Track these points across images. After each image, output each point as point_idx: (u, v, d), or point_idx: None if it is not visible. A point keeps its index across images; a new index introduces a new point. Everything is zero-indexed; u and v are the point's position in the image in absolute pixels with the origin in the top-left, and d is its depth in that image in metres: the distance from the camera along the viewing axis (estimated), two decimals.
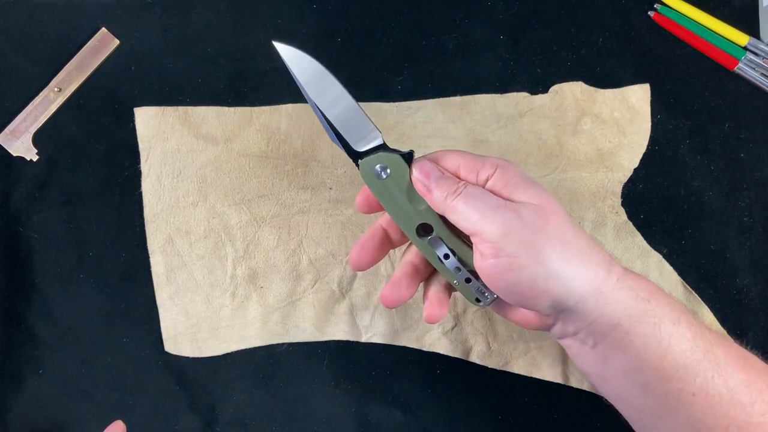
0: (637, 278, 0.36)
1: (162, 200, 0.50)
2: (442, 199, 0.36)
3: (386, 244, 0.40)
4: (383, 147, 0.38)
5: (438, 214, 0.38)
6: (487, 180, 0.36)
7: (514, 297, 0.36)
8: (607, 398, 0.38)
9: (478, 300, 0.39)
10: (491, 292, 0.38)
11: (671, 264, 0.50)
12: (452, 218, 0.36)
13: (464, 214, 0.35)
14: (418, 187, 0.37)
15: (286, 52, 0.39)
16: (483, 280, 0.36)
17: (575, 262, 0.34)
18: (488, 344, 0.49)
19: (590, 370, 0.37)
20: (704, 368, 0.34)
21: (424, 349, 0.50)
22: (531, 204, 0.35)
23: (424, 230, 0.38)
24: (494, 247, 0.34)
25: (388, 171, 0.37)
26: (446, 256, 0.38)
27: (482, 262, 0.35)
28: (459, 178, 0.37)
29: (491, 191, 0.36)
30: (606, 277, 0.35)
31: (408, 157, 0.38)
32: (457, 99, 0.52)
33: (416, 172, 0.37)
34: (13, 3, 0.52)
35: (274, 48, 0.39)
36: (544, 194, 0.36)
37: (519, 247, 0.34)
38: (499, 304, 0.39)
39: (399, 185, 0.38)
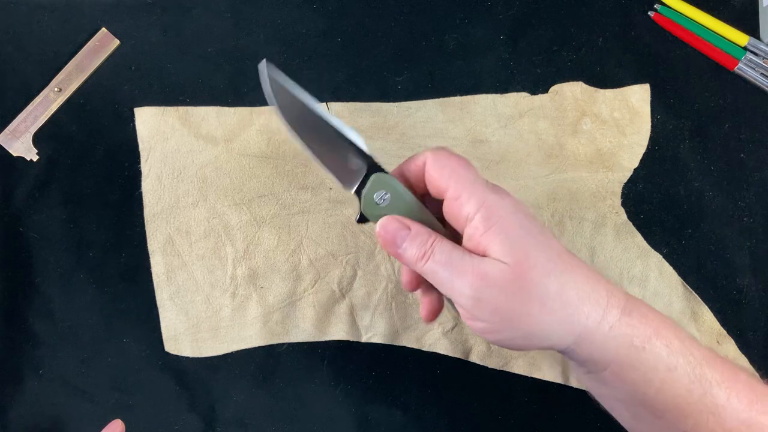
0: (638, 319, 0.34)
1: (162, 200, 0.50)
2: (413, 264, 0.34)
3: None
4: (372, 168, 0.35)
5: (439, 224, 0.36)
6: (467, 220, 0.33)
7: (499, 344, 0.35)
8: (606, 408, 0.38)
9: None
10: None
11: (671, 264, 0.50)
12: (427, 279, 0.35)
13: (435, 279, 0.34)
14: (388, 250, 0.35)
15: (271, 88, 0.35)
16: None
17: (556, 319, 0.33)
18: (488, 344, 0.49)
19: (586, 385, 0.38)
20: (699, 410, 0.33)
21: (424, 349, 0.50)
22: (504, 264, 0.32)
23: None
24: (469, 313, 0.33)
25: (387, 196, 0.35)
26: None
27: (462, 319, 0.35)
28: (443, 199, 0.35)
29: (470, 235, 0.33)
30: (597, 326, 0.33)
31: (377, 170, 0.35)
32: (457, 99, 0.52)
33: (382, 236, 0.35)
34: (13, 3, 0.52)
35: (262, 72, 0.35)
36: (526, 244, 0.33)
37: (492, 314, 0.32)
38: None
39: (400, 206, 0.35)
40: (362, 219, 0.36)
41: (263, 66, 0.34)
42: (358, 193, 0.36)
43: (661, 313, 0.35)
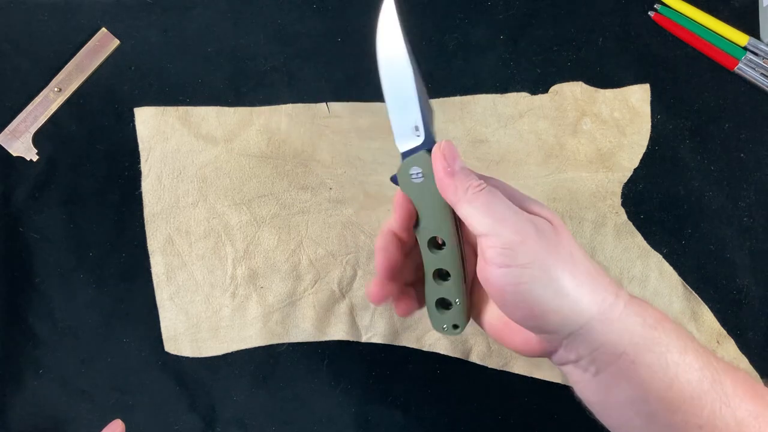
0: (644, 304, 0.34)
1: (162, 200, 0.50)
2: (463, 190, 0.34)
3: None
4: (426, 144, 0.36)
5: (454, 229, 0.36)
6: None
7: (519, 312, 0.34)
8: (608, 428, 0.37)
9: (445, 328, 0.38)
10: (463, 325, 0.37)
11: (671, 264, 0.50)
12: (465, 213, 0.34)
13: (481, 211, 0.33)
14: (439, 168, 0.34)
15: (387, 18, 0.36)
16: (488, 291, 0.35)
17: (584, 283, 0.33)
18: (488, 344, 0.49)
19: (592, 399, 0.36)
20: (712, 399, 0.33)
21: (424, 349, 0.50)
22: (543, 218, 0.34)
23: (433, 244, 0.37)
24: (507, 255, 0.32)
25: (421, 176, 0.35)
26: (446, 275, 0.37)
27: (491, 270, 0.33)
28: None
29: None
30: (614, 302, 0.33)
31: (429, 147, 0.36)
32: (457, 99, 0.52)
33: (440, 151, 0.35)
34: (13, 3, 0.52)
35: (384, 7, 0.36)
36: (551, 212, 0.35)
37: (533, 257, 0.32)
38: (499, 330, 0.37)
39: (432, 189, 0.35)
40: (395, 180, 0.37)
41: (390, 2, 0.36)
42: (404, 156, 0.36)
43: None
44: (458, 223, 0.36)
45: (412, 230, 0.37)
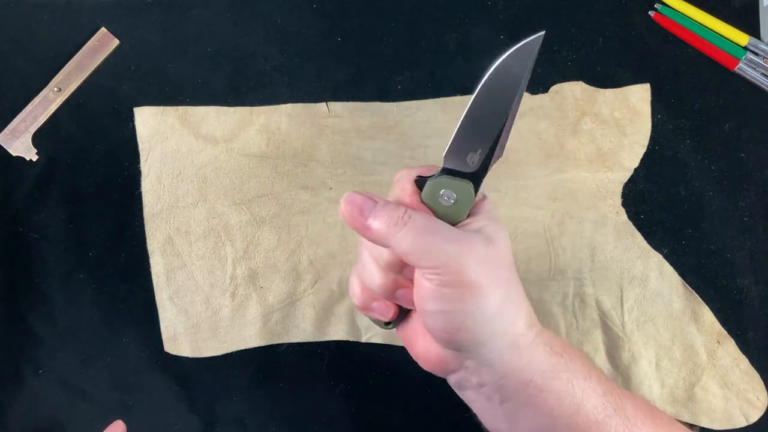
0: (552, 334, 0.35)
1: (162, 200, 0.50)
2: (385, 231, 0.32)
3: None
4: (472, 177, 0.35)
5: None
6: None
7: (444, 334, 0.33)
8: None
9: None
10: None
11: (671, 264, 0.50)
12: (398, 251, 0.33)
13: (414, 247, 0.32)
14: (353, 224, 0.33)
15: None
16: (421, 311, 0.34)
17: (511, 310, 0.33)
18: None
19: (498, 427, 0.36)
20: (615, 424, 0.33)
21: None
22: (487, 237, 0.33)
23: None
24: (443, 284, 0.32)
25: (455, 197, 0.34)
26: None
27: (428, 296, 0.33)
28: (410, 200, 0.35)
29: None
30: (526, 332, 0.34)
31: (474, 180, 0.35)
32: (457, 99, 0.52)
33: (347, 209, 0.33)
34: (13, 3, 0.52)
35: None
36: (491, 219, 0.34)
37: (469, 285, 0.32)
38: (404, 332, 0.38)
39: (460, 212, 0.35)
40: (421, 184, 0.35)
41: (539, 38, 0.35)
42: (443, 170, 0.35)
43: None
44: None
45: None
